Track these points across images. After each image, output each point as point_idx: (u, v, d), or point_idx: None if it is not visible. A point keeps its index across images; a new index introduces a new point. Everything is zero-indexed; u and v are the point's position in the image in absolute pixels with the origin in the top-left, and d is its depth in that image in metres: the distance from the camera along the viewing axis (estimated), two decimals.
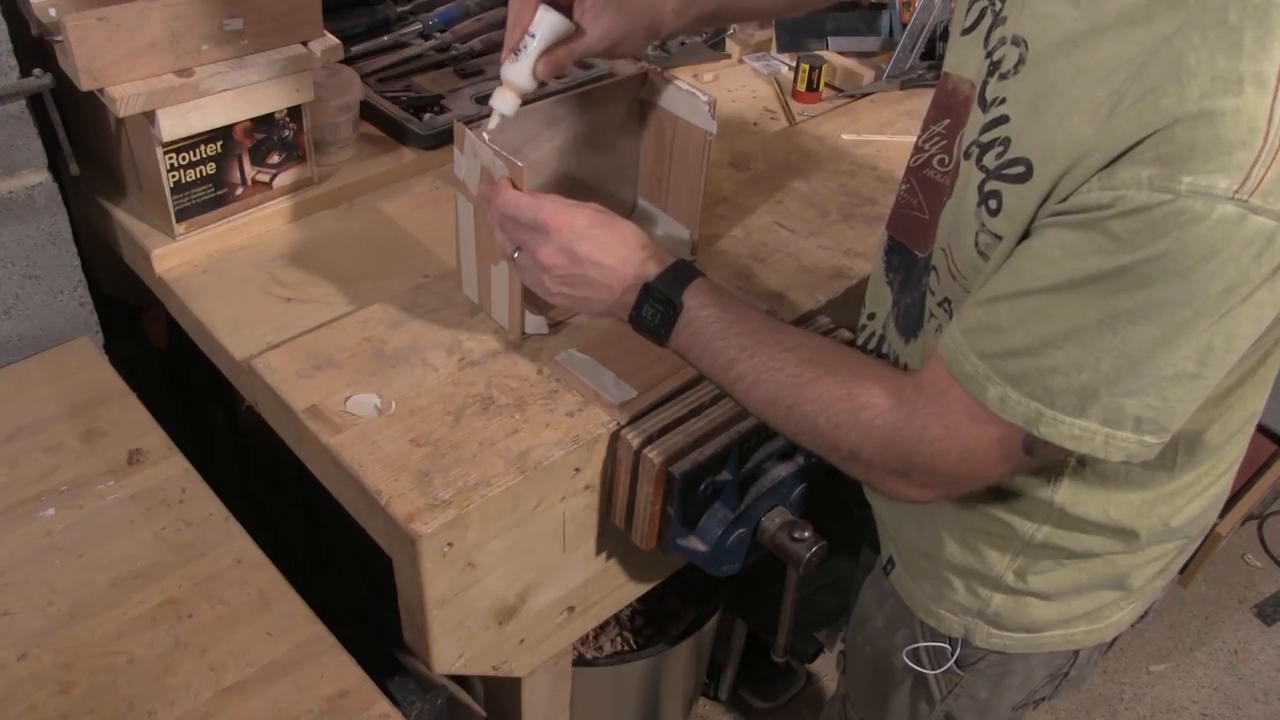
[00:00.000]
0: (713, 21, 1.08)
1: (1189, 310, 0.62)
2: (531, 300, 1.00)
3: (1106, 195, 0.62)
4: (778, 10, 1.29)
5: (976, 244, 0.74)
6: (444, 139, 1.25)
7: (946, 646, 0.97)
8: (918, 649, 1.00)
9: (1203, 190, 0.59)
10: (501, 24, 1.46)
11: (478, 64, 1.42)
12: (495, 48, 1.44)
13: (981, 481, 0.77)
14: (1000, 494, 0.87)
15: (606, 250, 0.85)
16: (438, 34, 1.44)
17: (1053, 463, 0.83)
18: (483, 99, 1.34)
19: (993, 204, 0.71)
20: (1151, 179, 0.60)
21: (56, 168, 1.10)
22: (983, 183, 0.72)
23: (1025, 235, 0.69)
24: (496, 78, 0.94)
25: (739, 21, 1.49)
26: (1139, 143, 0.61)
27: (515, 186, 0.88)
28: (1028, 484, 0.85)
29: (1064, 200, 0.65)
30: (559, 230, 0.85)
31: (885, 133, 1.42)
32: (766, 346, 0.80)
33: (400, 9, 1.47)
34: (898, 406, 0.74)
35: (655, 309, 0.83)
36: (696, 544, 0.98)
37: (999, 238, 0.71)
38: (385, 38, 1.41)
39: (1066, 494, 0.84)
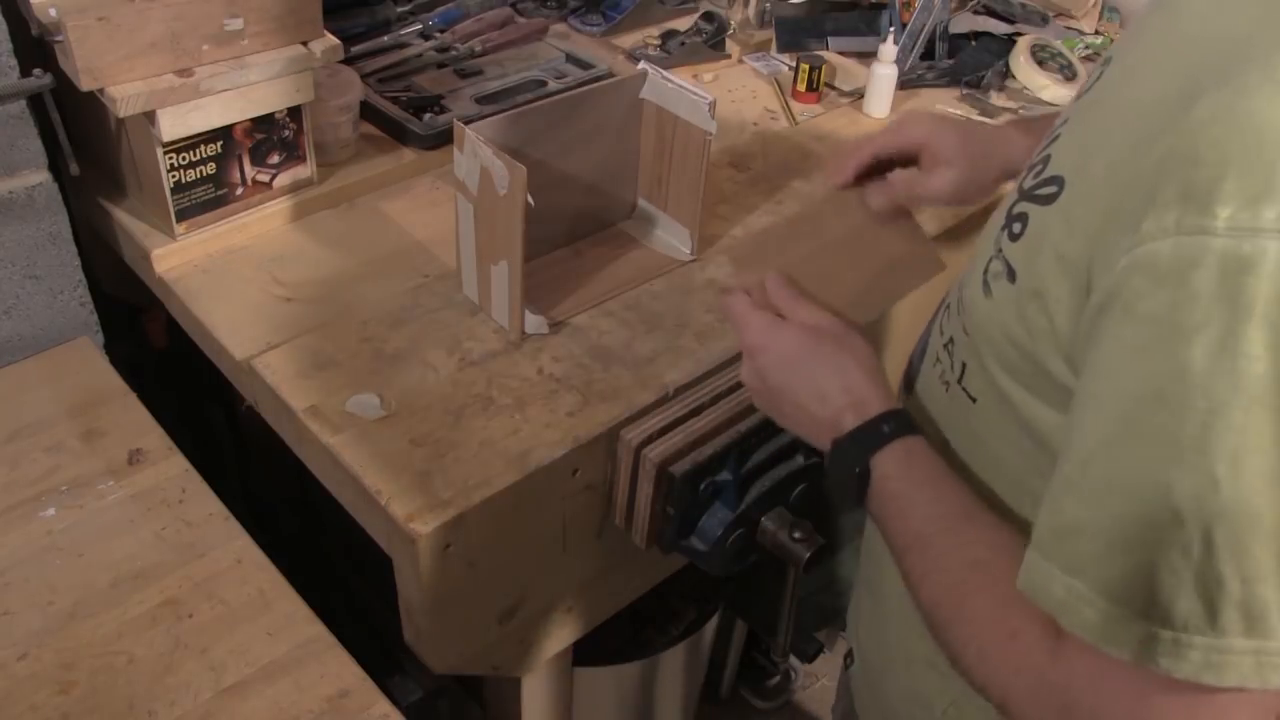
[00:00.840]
0: None
1: (1274, 412, 0.46)
2: (532, 300, 1.00)
3: (1127, 260, 0.48)
4: None
5: (986, 272, 0.63)
6: (444, 139, 1.25)
7: None
8: None
9: (1246, 226, 0.45)
10: (501, 24, 1.47)
11: (478, 64, 1.42)
12: (495, 48, 1.44)
13: None
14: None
15: (800, 387, 0.74)
16: (438, 34, 1.44)
17: None
18: (483, 99, 1.34)
19: (1016, 227, 0.60)
20: (1180, 220, 0.46)
21: (56, 168, 1.10)
22: (1014, 204, 0.62)
23: (1037, 294, 0.56)
24: (496, 78, 0.94)
25: None
26: (1163, 169, 0.48)
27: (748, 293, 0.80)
28: None
29: (1090, 280, 0.51)
30: (751, 352, 0.77)
31: None
32: (943, 539, 0.65)
33: (400, 9, 1.47)
34: (1047, 635, 0.55)
35: (843, 470, 0.71)
36: (696, 544, 0.98)
37: (1011, 272, 0.59)
38: (385, 38, 1.41)
39: None
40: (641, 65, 1.08)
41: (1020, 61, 1.56)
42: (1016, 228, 0.60)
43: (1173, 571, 0.49)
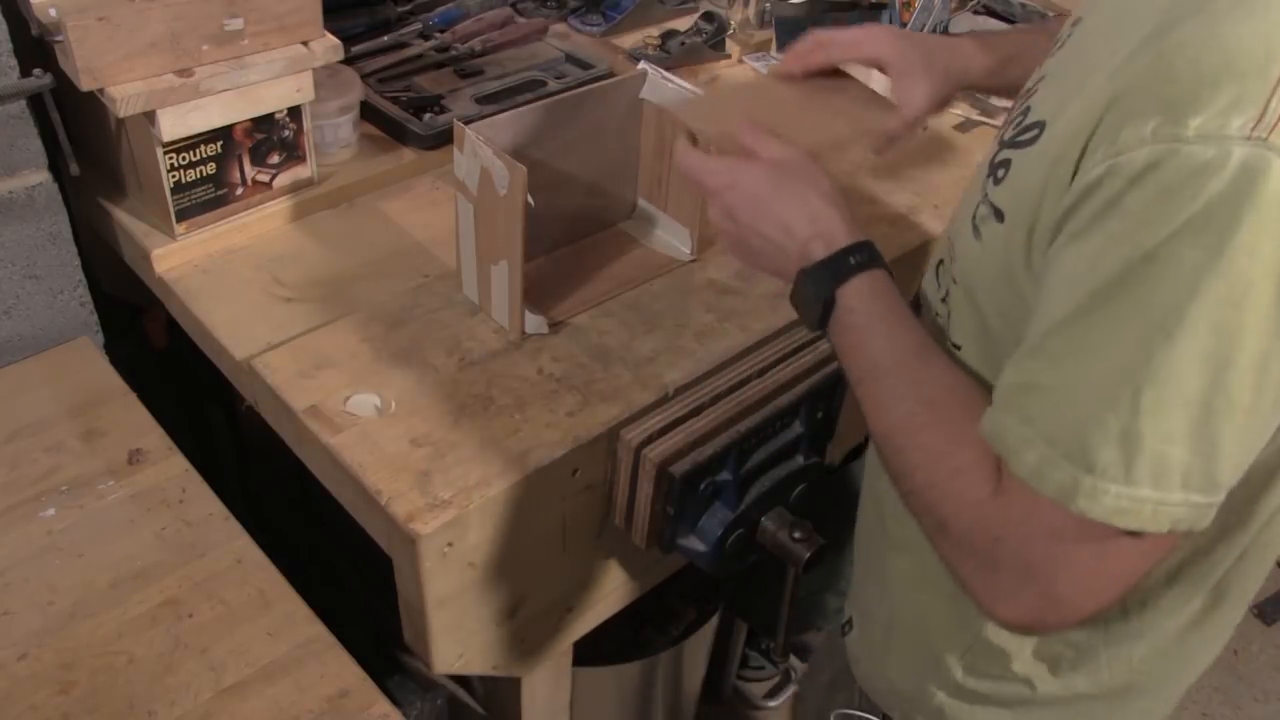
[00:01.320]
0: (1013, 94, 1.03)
1: (1230, 308, 0.51)
2: (532, 300, 1.00)
3: (1109, 164, 0.53)
4: None
5: (974, 218, 0.66)
6: (444, 139, 1.25)
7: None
8: (848, 716, 0.93)
9: (1214, 134, 0.49)
10: (502, 24, 1.47)
11: (478, 64, 1.42)
12: (495, 48, 1.44)
13: (1080, 593, 0.60)
14: None
15: (767, 220, 0.76)
16: (438, 34, 1.44)
17: None
18: (483, 99, 1.34)
19: (1000, 173, 0.63)
20: (1156, 129, 0.51)
21: (56, 168, 1.10)
22: (995, 154, 0.65)
23: (1030, 229, 0.60)
24: (496, 77, 0.94)
25: None
26: (1142, 87, 0.52)
27: (694, 143, 0.82)
28: None
29: (1071, 184, 0.56)
30: (718, 192, 0.79)
31: None
32: (898, 372, 0.69)
33: (400, 9, 1.47)
34: (990, 478, 0.61)
35: (808, 302, 0.74)
36: (696, 544, 0.98)
37: (999, 214, 0.63)
38: (385, 38, 1.41)
39: None
40: (641, 65, 1.08)
41: None
42: (1000, 173, 0.63)
43: (1102, 425, 0.55)
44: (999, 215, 0.63)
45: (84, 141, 1.13)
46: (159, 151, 1.03)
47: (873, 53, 0.92)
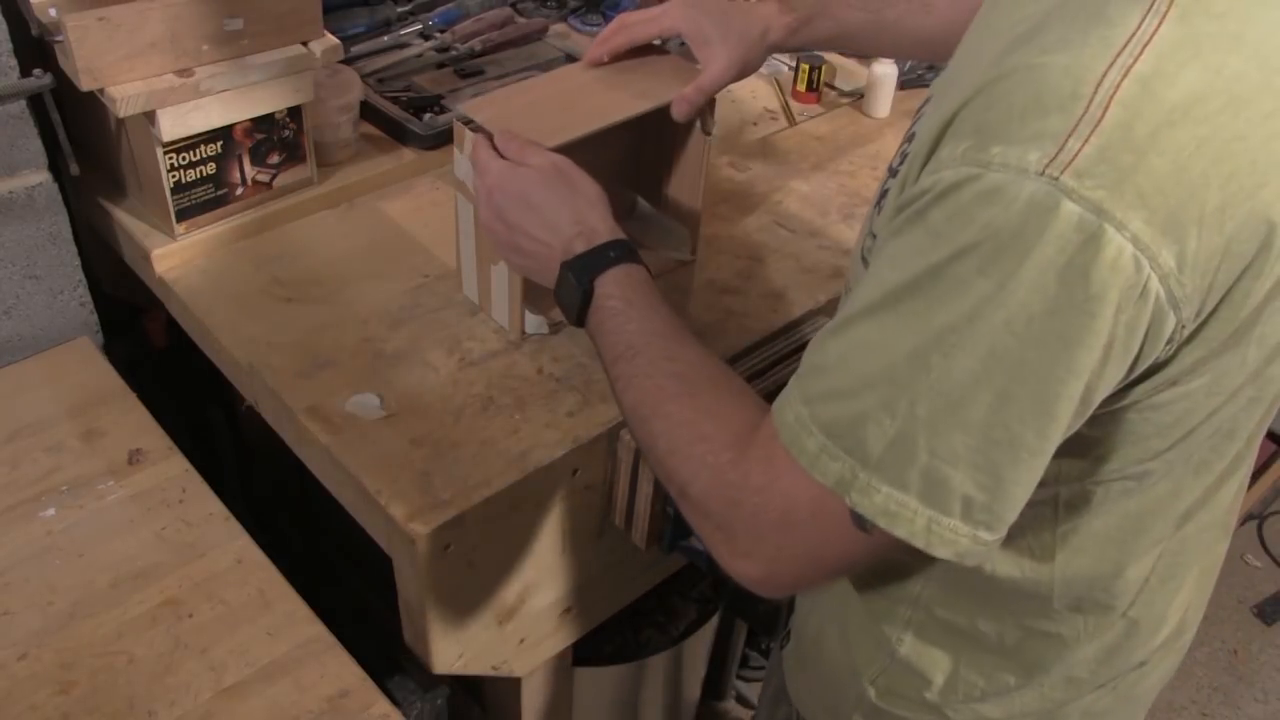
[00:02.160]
0: (829, 47, 1.06)
1: (1010, 337, 0.51)
2: (532, 300, 1.00)
3: (927, 180, 0.53)
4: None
5: (863, 250, 0.67)
6: (444, 139, 1.25)
7: None
8: None
9: (1013, 164, 0.49)
10: (501, 24, 1.47)
11: (478, 64, 1.42)
12: (495, 48, 1.44)
13: (808, 564, 0.62)
14: (875, 588, 0.79)
15: (535, 220, 0.81)
16: (438, 34, 1.44)
17: (920, 558, 0.72)
18: None
19: (882, 202, 0.64)
20: (965, 152, 0.51)
21: (56, 168, 1.10)
22: (884, 182, 0.66)
23: None
24: (496, 78, 0.94)
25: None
26: (963, 107, 0.53)
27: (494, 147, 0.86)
28: (893, 574, 0.77)
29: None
30: (491, 190, 0.83)
31: (885, 133, 1.42)
32: (650, 350, 0.73)
33: (400, 9, 1.47)
34: (731, 445, 0.64)
35: (570, 292, 0.79)
36: (696, 544, 0.98)
37: (877, 240, 0.63)
38: (385, 38, 1.41)
39: (936, 592, 0.75)
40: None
41: None
42: (882, 201, 0.65)
43: (878, 425, 0.55)
44: (875, 247, 0.64)
45: (84, 141, 1.13)
46: (159, 151, 1.03)
47: (669, 25, 0.96)
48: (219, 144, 1.07)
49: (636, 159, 1.13)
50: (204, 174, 1.07)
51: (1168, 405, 0.60)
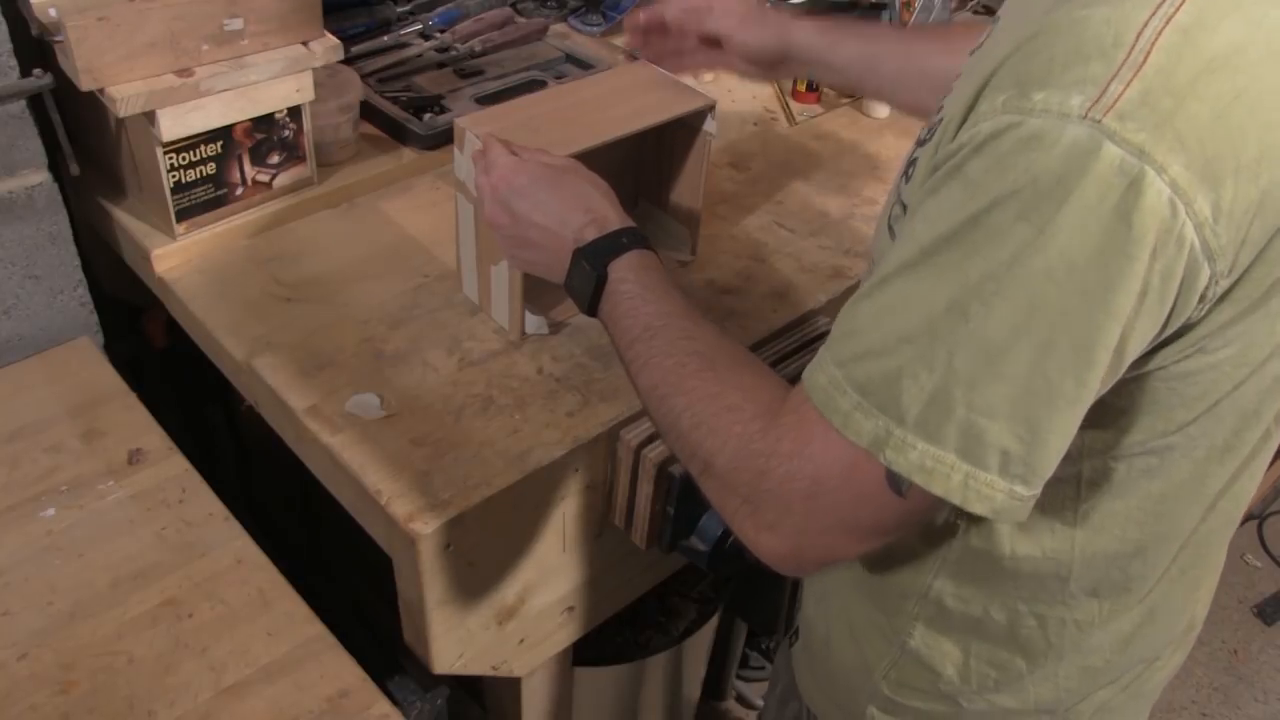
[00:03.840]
0: (850, 71, 1.04)
1: (1051, 285, 0.51)
2: (532, 300, 1.00)
3: (965, 135, 0.53)
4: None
5: (890, 219, 0.67)
6: (444, 139, 1.25)
7: None
8: None
9: (1054, 108, 0.50)
10: (501, 24, 1.47)
11: (478, 64, 1.42)
12: (495, 48, 1.44)
13: (838, 534, 0.61)
14: (885, 579, 0.79)
15: (545, 211, 0.81)
16: (438, 34, 1.44)
17: (932, 543, 0.73)
18: (483, 99, 1.34)
19: (910, 170, 0.65)
20: (1006, 102, 0.52)
21: (56, 168, 1.10)
22: (911, 153, 0.66)
23: None
24: (496, 77, 0.94)
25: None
26: (1002, 64, 0.53)
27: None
28: (903, 566, 0.76)
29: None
30: (497, 186, 0.84)
31: (885, 133, 1.42)
32: (669, 331, 0.72)
33: (400, 9, 1.47)
34: (761, 416, 0.63)
35: (583, 279, 0.78)
36: (696, 544, 0.98)
37: (907, 210, 0.63)
38: (385, 38, 1.41)
39: (947, 583, 0.75)
40: (641, 64, 1.08)
41: None
42: (910, 170, 0.64)
43: (915, 379, 0.54)
44: (907, 211, 0.64)
45: (84, 141, 1.13)
46: (159, 151, 1.03)
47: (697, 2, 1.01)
48: (219, 144, 1.07)
49: (637, 159, 1.13)
50: (204, 174, 1.07)
51: (1194, 375, 0.60)
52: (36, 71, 1.02)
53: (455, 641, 0.95)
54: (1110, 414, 0.63)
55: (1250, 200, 0.51)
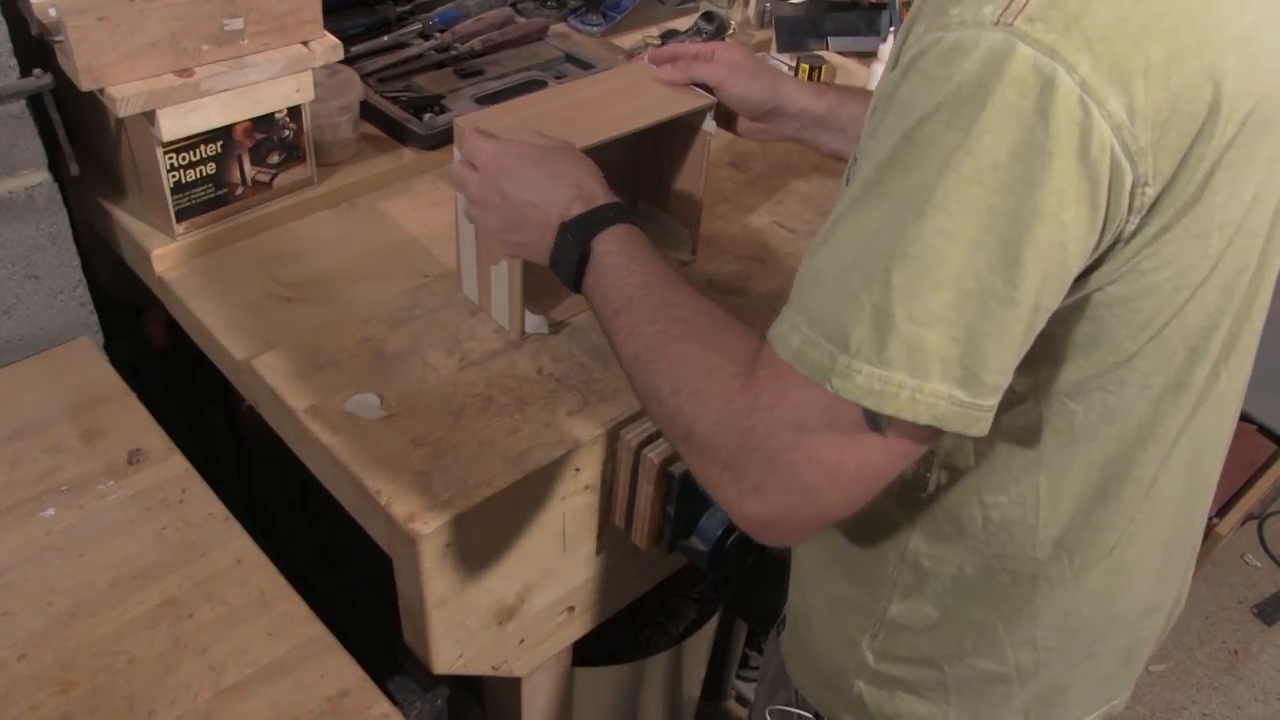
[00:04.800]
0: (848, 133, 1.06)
1: (978, 187, 0.52)
2: (532, 300, 1.00)
3: (896, 69, 0.56)
4: None
5: (846, 177, 0.68)
6: (444, 139, 1.25)
7: (810, 717, 0.91)
8: (781, 713, 0.94)
9: (970, 21, 0.52)
10: (502, 24, 1.47)
11: (478, 64, 1.42)
12: (495, 48, 1.44)
13: (825, 488, 0.59)
14: (860, 550, 0.79)
15: (533, 189, 0.82)
16: (438, 34, 1.44)
17: (905, 503, 0.74)
18: (483, 99, 1.34)
19: (848, 175, 0.67)
20: (927, 26, 0.54)
21: (56, 168, 1.10)
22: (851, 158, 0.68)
23: None
24: (496, 77, 0.94)
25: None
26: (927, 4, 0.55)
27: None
28: (878, 532, 0.77)
29: None
30: (486, 167, 0.85)
31: None
32: (651, 299, 0.73)
33: (400, 9, 1.47)
34: (739, 374, 0.63)
35: (568, 252, 0.79)
36: (696, 544, 0.98)
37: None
38: (385, 38, 1.41)
39: (921, 542, 0.75)
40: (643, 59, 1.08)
41: None
42: (848, 175, 0.67)
43: (857, 303, 0.55)
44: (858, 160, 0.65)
45: (84, 141, 1.13)
46: (159, 151, 1.03)
47: (705, 52, 1.02)
48: (219, 144, 1.07)
49: (637, 159, 1.13)
50: (204, 174, 1.07)
51: (1135, 300, 0.61)
52: (36, 71, 1.02)
53: (455, 641, 0.95)
54: (1060, 345, 0.64)
55: (1162, 102, 0.52)
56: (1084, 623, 0.78)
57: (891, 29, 1.53)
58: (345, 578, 1.45)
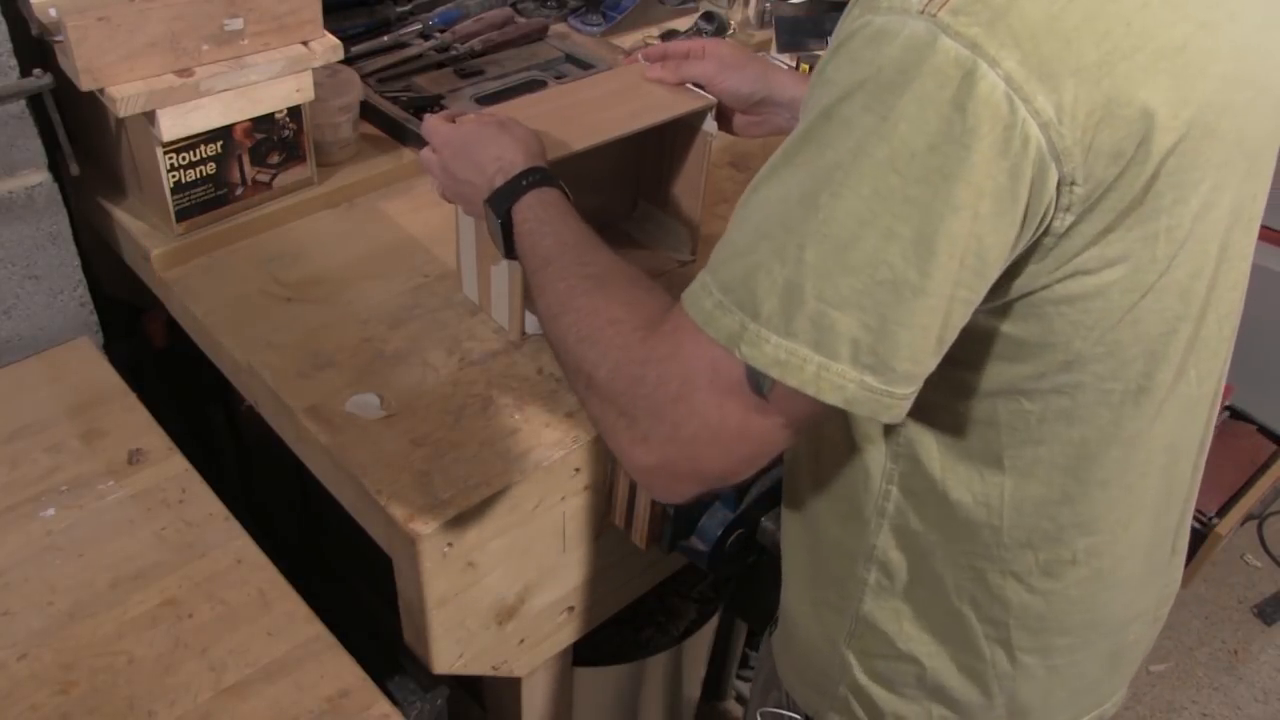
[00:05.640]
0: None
1: (893, 174, 0.53)
2: (531, 300, 1.00)
3: (830, 48, 0.57)
4: None
5: None
6: None
7: (799, 719, 0.92)
8: (771, 714, 0.95)
9: (898, 7, 0.53)
10: (502, 24, 1.47)
11: (478, 64, 1.42)
12: (495, 48, 1.44)
13: (705, 444, 0.61)
14: (831, 549, 0.80)
15: (469, 167, 0.86)
16: (438, 34, 1.44)
17: (871, 500, 0.75)
18: (483, 99, 1.34)
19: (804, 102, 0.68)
20: (863, 6, 0.55)
21: (56, 168, 1.10)
22: None
23: None
24: (496, 77, 0.95)
25: None
26: None
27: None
28: (846, 531, 0.78)
29: None
30: (440, 149, 0.89)
31: None
32: (564, 258, 0.76)
33: (400, 9, 1.47)
34: (642, 327, 0.65)
35: (493, 223, 0.83)
36: (696, 544, 0.98)
37: None
38: (385, 38, 1.41)
39: (889, 540, 0.76)
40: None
41: None
42: None
43: (769, 274, 0.56)
44: None
45: (84, 141, 1.13)
46: (159, 151, 1.03)
47: (698, 49, 1.03)
48: (219, 144, 1.07)
49: (637, 159, 1.13)
50: (204, 174, 1.07)
51: (1083, 300, 0.61)
52: (36, 71, 1.02)
53: (455, 641, 0.95)
54: (1009, 344, 0.64)
55: (1094, 104, 0.52)
56: (1061, 628, 0.78)
57: None
58: (345, 578, 1.45)
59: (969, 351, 0.62)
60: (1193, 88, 0.55)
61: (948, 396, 0.68)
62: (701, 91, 1.02)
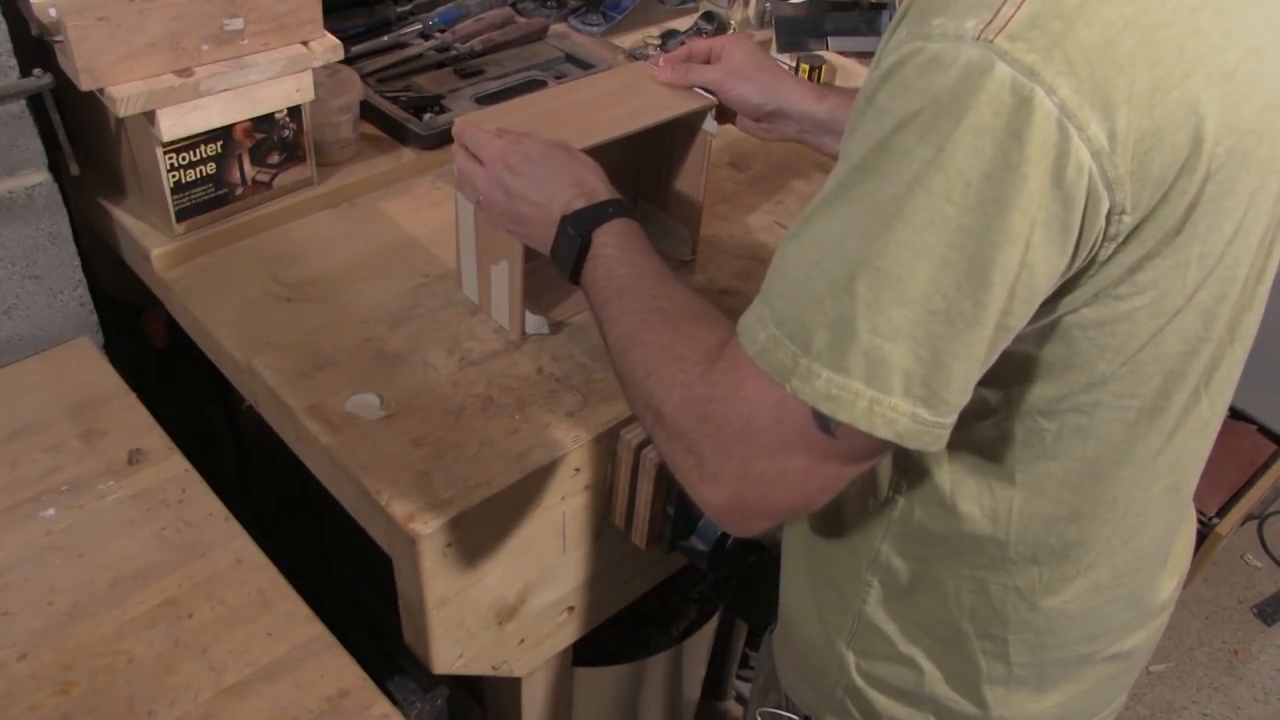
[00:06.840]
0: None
1: (948, 204, 0.52)
2: (532, 300, 1.00)
3: (877, 71, 0.56)
4: None
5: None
6: (444, 139, 1.25)
7: (795, 718, 0.92)
8: (769, 715, 0.95)
9: (951, 33, 0.51)
10: (502, 24, 1.47)
11: (478, 64, 1.42)
12: (495, 48, 1.44)
13: (775, 481, 0.61)
14: (835, 552, 0.80)
15: (537, 186, 0.85)
16: (438, 34, 1.44)
17: (878, 509, 0.75)
18: (483, 99, 1.34)
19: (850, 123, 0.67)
20: (909, 32, 0.54)
21: (56, 168, 1.10)
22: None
23: None
24: (496, 77, 0.95)
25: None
26: (914, 5, 0.55)
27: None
28: (852, 535, 0.78)
29: None
30: (491, 164, 0.87)
31: None
32: (639, 290, 0.75)
33: (400, 9, 1.47)
34: (702, 361, 0.64)
35: (569, 244, 0.82)
36: (696, 544, 0.98)
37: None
38: (385, 38, 1.41)
39: (892, 547, 0.76)
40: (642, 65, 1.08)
41: None
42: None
43: (820, 307, 0.56)
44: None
45: (84, 141, 1.13)
46: (159, 151, 1.03)
47: (713, 48, 1.03)
48: (219, 144, 1.07)
49: (637, 159, 1.13)
50: (204, 174, 1.07)
51: (1110, 325, 0.61)
52: (36, 71, 1.02)
53: (455, 641, 0.95)
54: (1033, 365, 0.64)
55: (1145, 131, 0.52)
56: (1059, 642, 0.78)
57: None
58: (345, 578, 1.45)
59: (993, 373, 0.61)
60: (1238, 114, 0.55)
61: (966, 415, 0.67)
62: (704, 93, 1.02)
